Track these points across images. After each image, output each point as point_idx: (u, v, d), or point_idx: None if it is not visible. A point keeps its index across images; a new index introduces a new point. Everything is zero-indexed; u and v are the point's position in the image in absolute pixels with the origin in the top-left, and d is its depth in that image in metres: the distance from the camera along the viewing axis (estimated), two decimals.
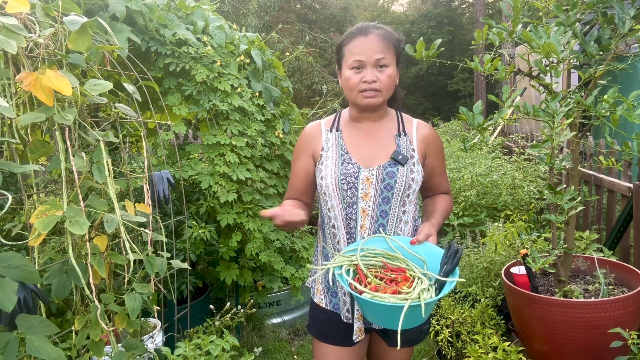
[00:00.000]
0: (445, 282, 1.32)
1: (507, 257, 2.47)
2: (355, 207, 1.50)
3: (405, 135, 1.57)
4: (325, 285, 1.61)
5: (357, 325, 1.54)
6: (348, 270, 1.37)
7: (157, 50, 2.35)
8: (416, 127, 1.60)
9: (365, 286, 1.31)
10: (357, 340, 1.55)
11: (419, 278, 1.34)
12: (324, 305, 1.61)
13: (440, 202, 1.65)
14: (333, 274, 1.36)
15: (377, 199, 1.49)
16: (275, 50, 3.36)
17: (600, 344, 1.61)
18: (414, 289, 1.29)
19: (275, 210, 1.41)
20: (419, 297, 1.25)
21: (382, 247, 1.46)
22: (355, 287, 1.30)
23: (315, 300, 1.64)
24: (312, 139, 1.60)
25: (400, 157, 1.50)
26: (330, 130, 1.59)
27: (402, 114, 1.63)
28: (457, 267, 1.35)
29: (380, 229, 1.51)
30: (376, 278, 1.35)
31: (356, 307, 1.53)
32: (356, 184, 1.49)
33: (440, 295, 1.26)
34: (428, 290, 1.30)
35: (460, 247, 1.38)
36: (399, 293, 1.28)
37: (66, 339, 1.73)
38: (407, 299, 1.24)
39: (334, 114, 1.65)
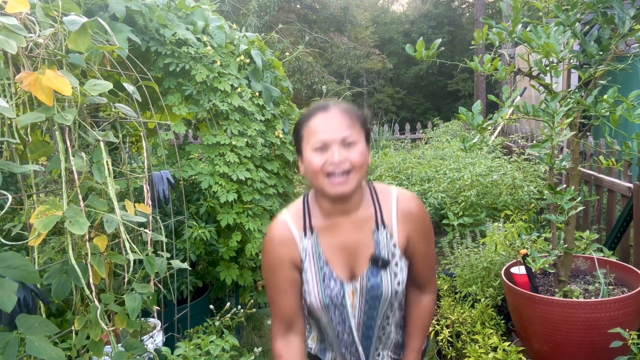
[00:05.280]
0: None
1: (507, 257, 2.47)
2: (347, 322, 1.35)
3: (384, 228, 1.31)
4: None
5: None
6: None
7: (157, 50, 2.35)
8: (396, 203, 1.33)
9: None
10: None
11: None
12: None
13: (417, 316, 1.42)
14: None
15: (364, 307, 1.33)
16: (275, 50, 3.36)
17: (600, 343, 1.61)
18: None
19: None
20: None
21: None
22: None
23: None
24: (288, 248, 1.32)
25: (381, 262, 1.29)
26: (305, 235, 1.32)
27: (376, 188, 1.36)
28: None
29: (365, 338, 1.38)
30: None
31: None
32: (343, 302, 1.32)
33: None
34: None
35: None
36: None
37: (66, 339, 1.73)
38: None
39: (300, 205, 1.36)
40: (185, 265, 1.68)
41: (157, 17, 2.28)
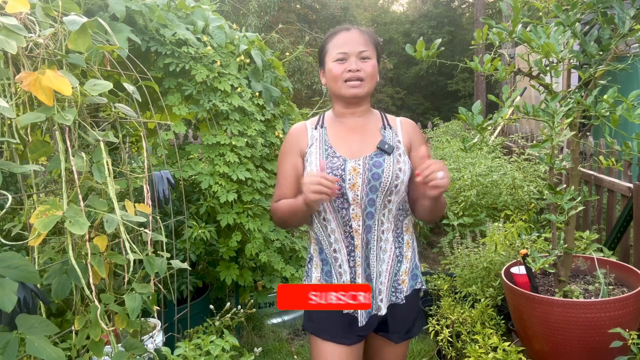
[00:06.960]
0: None
1: (507, 257, 2.47)
2: (346, 196, 1.48)
3: (390, 128, 1.58)
4: (325, 272, 1.58)
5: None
6: None
7: (157, 50, 2.35)
8: (399, 122, 1.62)
9: None
10: (362, 324, 1.51)
11: None
12: None
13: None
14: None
15: (365, 187, 1.48)
16: (275, 50, 3.36)
17: (600, 344, 1.61)
18: None
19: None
20: None
21: None
22: None
23: None
24: (299, 138, 1.58)
25: (387, 146, 1.50)
26: (315, 128, 1.59)
27: (384, 113, 1.66)
28: None
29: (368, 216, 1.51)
30: None
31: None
32: (343, 176, 1.47)
33: None
34: None
35: None
36: None
37: (66, 339, 1.73)
38: None
39: (319, 115, 1.65)
40: (185, 265, 1.68)
41: (157, 17, 2.28)
